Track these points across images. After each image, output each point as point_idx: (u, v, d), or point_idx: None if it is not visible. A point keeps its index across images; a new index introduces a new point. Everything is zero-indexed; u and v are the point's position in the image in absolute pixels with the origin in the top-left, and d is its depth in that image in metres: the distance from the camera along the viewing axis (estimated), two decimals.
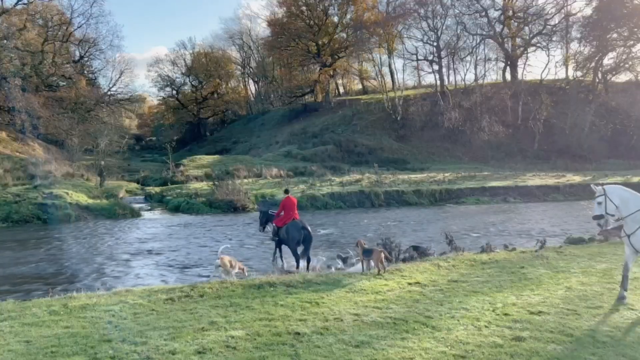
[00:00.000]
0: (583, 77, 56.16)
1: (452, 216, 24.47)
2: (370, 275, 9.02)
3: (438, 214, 25.24)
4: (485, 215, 25.03)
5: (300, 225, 12.32)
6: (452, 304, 7.30)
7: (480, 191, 31.65)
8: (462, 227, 20.38)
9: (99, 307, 7.03)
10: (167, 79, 76.53)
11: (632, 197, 7.57)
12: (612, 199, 7.59)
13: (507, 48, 58.48)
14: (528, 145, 49.90)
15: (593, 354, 5.52)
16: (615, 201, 7.56)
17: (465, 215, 25.09)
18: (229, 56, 78.22)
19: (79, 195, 26.03)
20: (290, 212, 12.70)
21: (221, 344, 5.64)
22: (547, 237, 14.24)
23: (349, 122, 54.53)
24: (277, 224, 12.86)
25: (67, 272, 12.32)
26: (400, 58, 62.05)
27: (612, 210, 7.57)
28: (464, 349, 5.63)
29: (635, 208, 7.43)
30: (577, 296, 7.70)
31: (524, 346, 5.70)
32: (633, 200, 7.52)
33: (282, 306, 7.12)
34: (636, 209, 7.42)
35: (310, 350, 5.50)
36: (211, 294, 7.71)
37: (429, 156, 48.54)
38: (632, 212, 7.44)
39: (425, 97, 56.10)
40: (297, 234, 12.16)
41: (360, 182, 32.34)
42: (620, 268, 9.46)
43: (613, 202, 7.57)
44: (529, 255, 10.81)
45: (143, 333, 5.97)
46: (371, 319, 6.58)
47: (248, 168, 38.06)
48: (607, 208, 7.60)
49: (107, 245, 16.60)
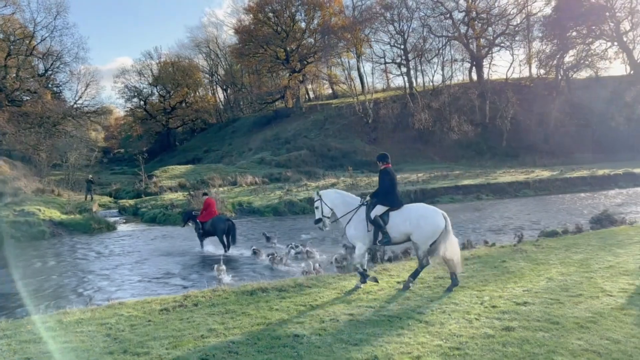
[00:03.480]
0: (546, 74, 57.88)
1: None
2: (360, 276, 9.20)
3: None
4: (461, 212, 25.53)
5: (224, 218, 16.19)
6: (441, 299, 7.55)
7: (453, 190, 32.24)
8: None
9: (94, 321, 7.03)
10: (134, 90, 75.71)
11: (342, 200, 8.52)
12: (326, 202, 8.48)
13: (472, 49, 59.86)
14: (497, 143, 51.13)
15: (579, 339, 5.82)
16: (329, 204, 8.45)
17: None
18: (196, 65, 77.86)
19: (51, 211, 25.53)
20: (212, 209, 16.44)
21: (223, 350, 5.74)
22: (522, 231, 14.72)
23: (321, 127, 54.90)
24: (202, 220, 16.36)
25: (49, 289, 12.15)
26: (368, 62, 63.06)
27: (327, 213, 8.48)
28: (458, 341, 5.86)
29: (345, 210, 8.38)
30: (558, 286, 8.04)
31: (514, 335, 5.97)
32: (343, 203, 8.45)
33: (278, 310, 7.25)
34: (347, 210, 8.36)
35: (311, 351, 5.64)
36: (205, 302, 7.77)
37: (402, 157, 49.14)
38: (344, 213, 8.37)
39: (395, 100, 56.92)
40: (223, 224, 15.70)
41: (336, 186, 32.59)
42: (595, 258, 9.94)
43: (327, 206, 8.46)
44: (509, 249, 11.18)
45: (143, 344, 6.02)
46: (366, 317, 6.77)
47: (222, 176, 37.92)
48: (323, 211, 8.49)
49: (86, 259, 16.38)
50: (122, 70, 75.50)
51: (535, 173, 36.86)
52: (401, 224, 8.10)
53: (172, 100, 74.87)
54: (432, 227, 7.97)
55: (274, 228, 21.16)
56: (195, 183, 34.73)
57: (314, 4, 61.75)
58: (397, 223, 8.12)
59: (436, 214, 8.09)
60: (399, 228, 8.12)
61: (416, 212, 8.15)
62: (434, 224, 7.98)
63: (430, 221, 8.00)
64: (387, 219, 8.13)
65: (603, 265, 9.32)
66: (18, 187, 29.52)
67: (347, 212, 8.38)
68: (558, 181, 34.01)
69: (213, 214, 16.35)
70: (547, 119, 51.52)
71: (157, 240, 20.14)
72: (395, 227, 8.13)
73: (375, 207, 8.20)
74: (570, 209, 24.10)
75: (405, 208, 8.21)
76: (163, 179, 40.00)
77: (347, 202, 8.49)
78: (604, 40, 55.30)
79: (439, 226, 7.95)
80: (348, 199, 8.58)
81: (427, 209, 8.23)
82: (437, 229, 7.95)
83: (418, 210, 8.22)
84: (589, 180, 34.13)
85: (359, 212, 8.33)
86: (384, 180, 8.33)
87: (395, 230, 8.14)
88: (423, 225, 7.97)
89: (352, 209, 8.38)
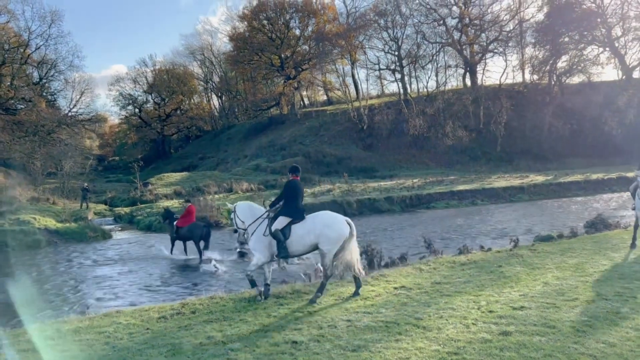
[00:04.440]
0: (539, 80, 58.21)
1: (424, 221, 24.96)
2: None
3: (411, 220, 25.72)
4: (456, 218, 25.64)
5: (202, 225, 16.66)
6: (438, 304, 7.59)
7: (449, 195, 32.37)
8: (434, 231, 20.86)
9: (92, 329, 7.03)
10: (129, 97, 75.64)
11: (249, 211, 8.76)
12: (238, 215, 8.79)
13: (466, 55, 60.15)
14: (491, 148, 51.35)
15: (576, 343, 5.87)
16: (241, 216, 8.75)
17: (436, 219, 25.64)
18: (190, 72, 77.86)
19: (46, 220, 25.46)
20: (191, 217, 16.89)
21: (222, 357, 5.76)
22: (518, 235, 14.78)
23: (316, 133, 54.99)
24: (180, 225, 16.76)
25: (45, 297, 12.12)
26: (363, 68, 63.14)
27: (240, 224, 8.77)
28: (456, 345, 5.90)
29: (251, 219, 8.62)
30: (554, 290, 8.10)
31: (512, 340, 6.02)
32: (250, 213, 8.69)
33: (276, 317, 7.27)
34: (252, 220, 8.60)
35: (309, 357, 5.67)
36: (203, 310, 7.79)
37: (397, 163, 49.34)
38: (250, 223, 8.63)
39: (390, 106, 57.07)
40: (200, 231, 16.24)
41: (332, 192, 32.62)
42: (590, 262, 10.01)
43: (239, 217, 8.76)
44: (505, 254, 11.24)
45: (142, 352, 6.03)
46: (364, 323, 6.80)
47: (218, 183, 37.90)
48: (237, 223, 8.82)
49: (82, 268, 16.35)
50: (116, 78, 75.43)
51: (529, 178, 37.04)
52: (305, 236, 8.18)
53: (167, 108, 74.83)
54: (337, 235, 8.06)
55: None
56: (191, 190, 34.68)
57: (308, 11, 62.03)
58: (301, 235, 8.20)
59: (340, 221, 8.22)
60: (303, 240, 8.21)
61: (320, 222, 8.22)
62: (339, 231, 8.10)
63: (336, 228, 8.12)
64: (289, 232, 8.22)
65: (598, 269, 9.39)
66: (13, 196, 29.42)
67: (252, 222, 8.61)
68: (552, 186, 34.20)
69: (191, 221, 16.73)
70: (540, 124, 51.82)
71: (152, 248, 20.11)
72: (299, 240, 8.22)
73: (277, 219, 8.32)
74: (565, 213, 24.24)
75: (308, 219, 8.30)
76: (158, 186, 39.95)
77: (254, 214, 8.67)
78: (596, 46, 55.73)
79: (343, 233, 8.07)
80: (256, 211, 8.75)
81: (331, 218, 8.32)
82: (342, 236, 8.06)
83: (322, 220, 8.28)
84: (583, 184, 34.36)
85: (262, 224, 8.49)
86: (287, 191, 8.48)
87: (299, 243, 8.23)
88: (328, 234, 8.07)
89: (256, 220, 8.59)
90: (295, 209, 8.36)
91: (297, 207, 8.39)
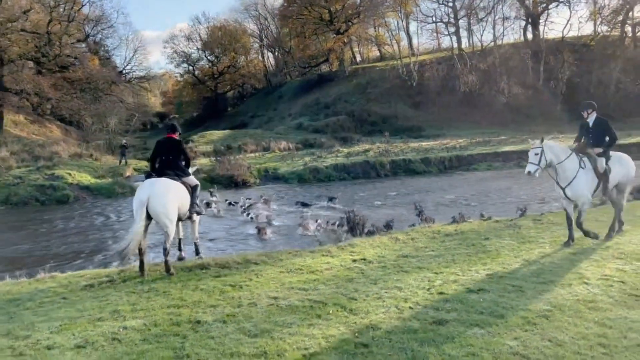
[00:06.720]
0: (609, 32, 53.37)
1: (455, 184, 23.63)
2: (318, 253, 8.48)
3: (441, 182, 24.42)
4: (494, 181, 24.13)
5: None
6: (387, 282, 6.71)
7: (492, 156, 30.58)
8: (461, 195, 19.58)
9: (10, 295, 6.70)
10: (183, 55, 76.22)
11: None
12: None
13: (528, 5, 55.88)
14: (550, 107, 47.93)
15: (516, 338, 4.89)
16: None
17: (471, 182, 24.22)
18: (244, 29, 77.12)
19: (82, 175, 26.07)
20: None
21: (108, 336, 5.20)
22: (550, 202, 13.39)
23: (362, 91, 53.37)
24: None
25: (45, 253, 12.20)
26: (415, 21, 60.18)
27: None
28: (372, 335, 5.06)
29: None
30: (530, 270, 7.00)
31: (442, 331, 5.10)
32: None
33: (202, 290, 6.65)
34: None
35: (199, 343, 5.01)
36: (136, 279, 7.30)
37: (446, 122, 47.15)
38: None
39: (441, 61, 54.36)
40: None
41: (367, 153, 31.57)
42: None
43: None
44: (502, 224, 10.06)
45: (34, 325, 5.58)
46: (288, 302, 6.05)
47: (257, 142, 37.66)
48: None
49: (93, 225, 16.48)
50: (171, 36, 76.21)
51: None
52: None
53: (220, 65, 74.86)
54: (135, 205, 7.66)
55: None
56: (224, 148, 34.58)
57: None
58: None
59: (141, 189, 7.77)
60: None
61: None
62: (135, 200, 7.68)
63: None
64: None
65: (599, 246, 8.13)
66: (54, 151, 30.33)
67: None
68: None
69: None
70: (607, 80, 47.69)
71: None
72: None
73: None
74: None
75: None
76: (200, 144, 40.22)
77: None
78: None
79: (140, 202, 7.55)
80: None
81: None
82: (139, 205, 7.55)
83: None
84: None
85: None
86: None
87: None
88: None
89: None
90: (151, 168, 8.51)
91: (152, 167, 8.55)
